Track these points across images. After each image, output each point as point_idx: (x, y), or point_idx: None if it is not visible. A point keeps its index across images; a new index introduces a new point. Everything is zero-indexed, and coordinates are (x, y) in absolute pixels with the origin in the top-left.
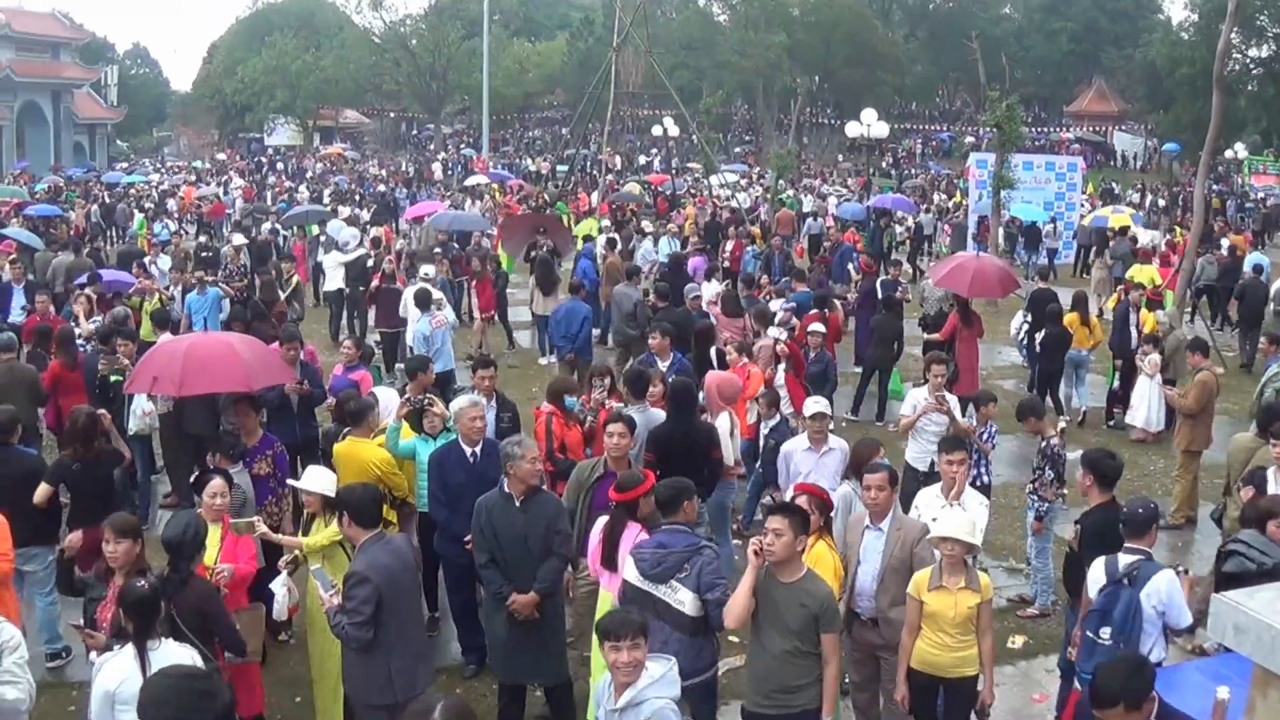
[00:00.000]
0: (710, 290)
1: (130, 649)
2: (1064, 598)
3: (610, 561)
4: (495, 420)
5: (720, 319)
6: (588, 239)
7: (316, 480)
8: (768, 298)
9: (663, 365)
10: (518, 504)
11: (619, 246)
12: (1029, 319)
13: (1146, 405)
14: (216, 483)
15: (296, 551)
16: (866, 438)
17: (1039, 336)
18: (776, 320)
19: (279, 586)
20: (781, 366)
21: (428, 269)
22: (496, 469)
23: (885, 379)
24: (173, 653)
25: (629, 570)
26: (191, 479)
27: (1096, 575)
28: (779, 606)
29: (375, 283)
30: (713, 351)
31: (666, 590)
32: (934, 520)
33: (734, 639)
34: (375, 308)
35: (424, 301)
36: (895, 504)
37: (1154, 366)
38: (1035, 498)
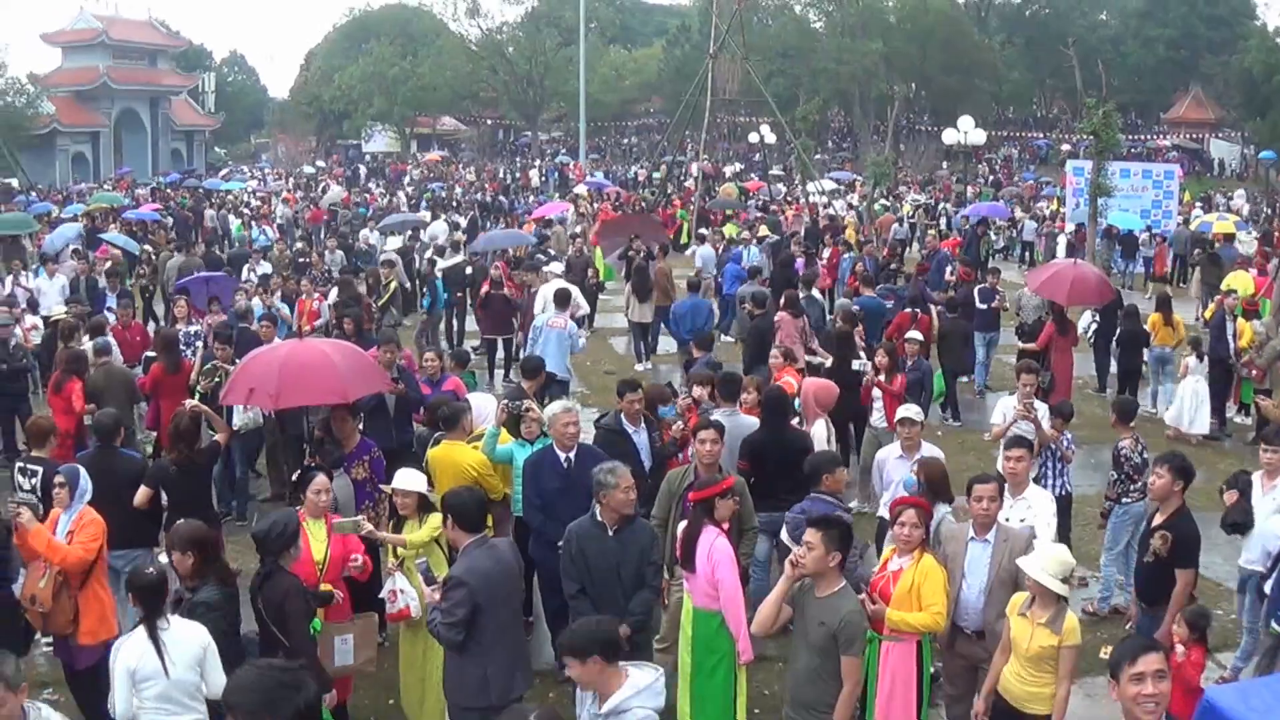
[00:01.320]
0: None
1: (142, 630)
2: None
3: (688, 561)
4: (649, 443)
5: (783, 319)
6: (733, 242)
7: (411, 480)
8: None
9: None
10: (611, 533)
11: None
12: (1097, 318)
13: (1179, 404)
14: (320, 479)
15: (401, 550)
16: (935, 459)
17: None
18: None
19: (401, 584)
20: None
21: (556, 266)
22: (590, 475)
23: (951, 382)
24: (182, 631)
25: (783, 533)
26: (295, 476)
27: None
28: (807, 621)
29: (485, 289)
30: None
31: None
32: (1021, 522)
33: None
34: (482, 314)
35: (564, 300)
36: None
37: (1188, 370)
38: (1107, 501)
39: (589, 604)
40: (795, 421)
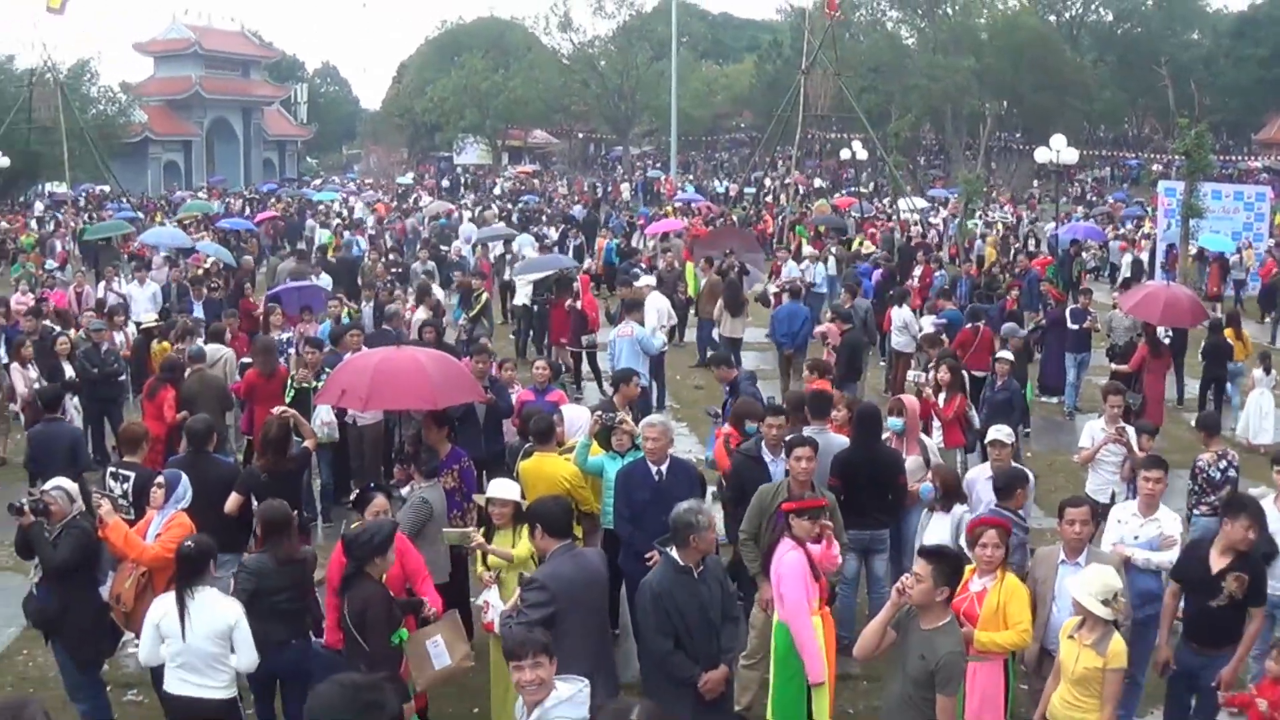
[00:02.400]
0: (899, 317)
1: (173, 593)
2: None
3: (767, 573)
4: (785, 473)
5: (831, 330)
6: (860, 257)
7: (506, 489)
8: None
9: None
10: (696, 575)
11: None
12: (1170, 334)
13: (1246, 416)
14: (379, 500)
15: (495, 560)
16: (948, 466)
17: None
18: (924, 336)
19: (494, 597)
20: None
21: (649, 279)
22: (681, 488)
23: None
24: (210, 604)
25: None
26: (352, 496)
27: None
28: (908, 650)
29: (568, 302)
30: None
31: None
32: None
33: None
34: (557, 326)
35: (631, 307)
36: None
37: (1255, 382)
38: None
39: (684, 656)
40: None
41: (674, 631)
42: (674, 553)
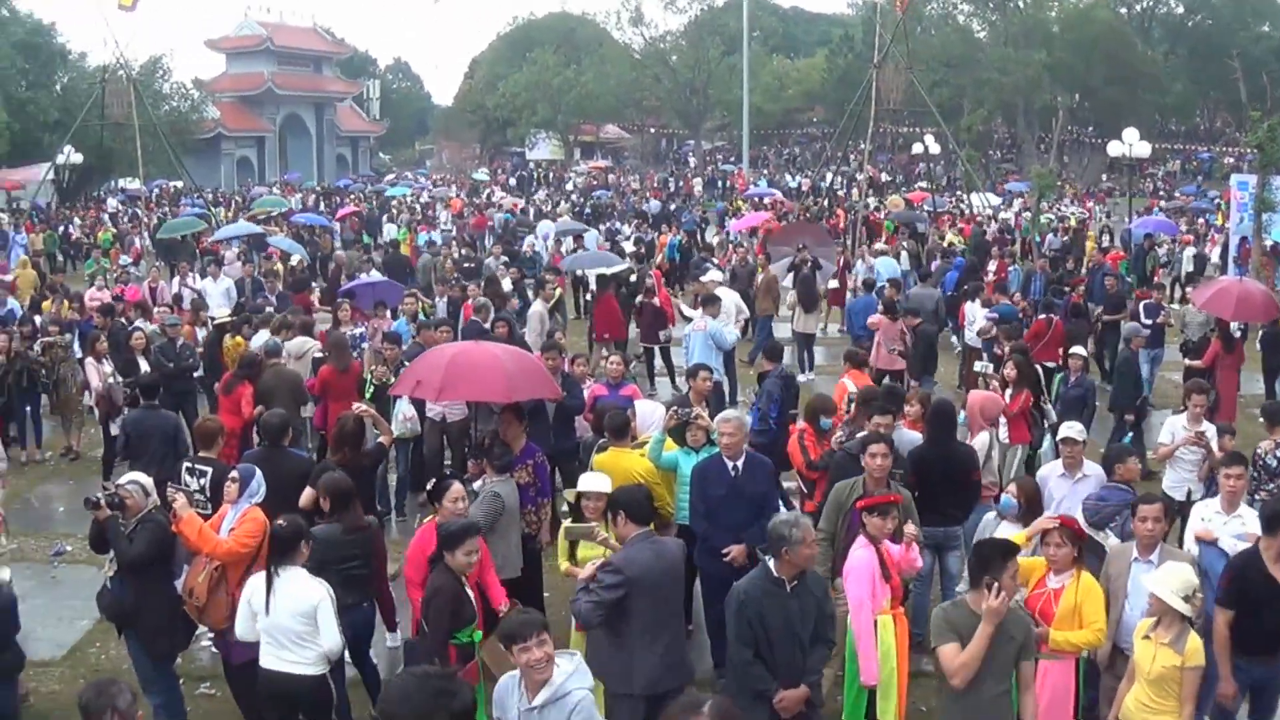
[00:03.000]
0: (972, 312)
1: (264, 572)
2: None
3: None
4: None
5: (880, 322)
6: (950, 250)
7: (597, 482)
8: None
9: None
10: (789, 589)
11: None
12: (1243, 329)
13: None
14: (456, 487)
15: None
16: (1030, 479)
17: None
18: (978, 330)
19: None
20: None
21: (715, 275)
22: (757, 483)
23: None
24: (296, 583)
25: (1081, 517)
26: (429, 485)
27: None
28: (996, 647)
29: (640, 298)
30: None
31: (1101, 536)
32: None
33: None
34: (639, 322)
35: (707, 301)
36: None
37: None
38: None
39: (763, 669)
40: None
41: (754, 641)
42: (770, 562)
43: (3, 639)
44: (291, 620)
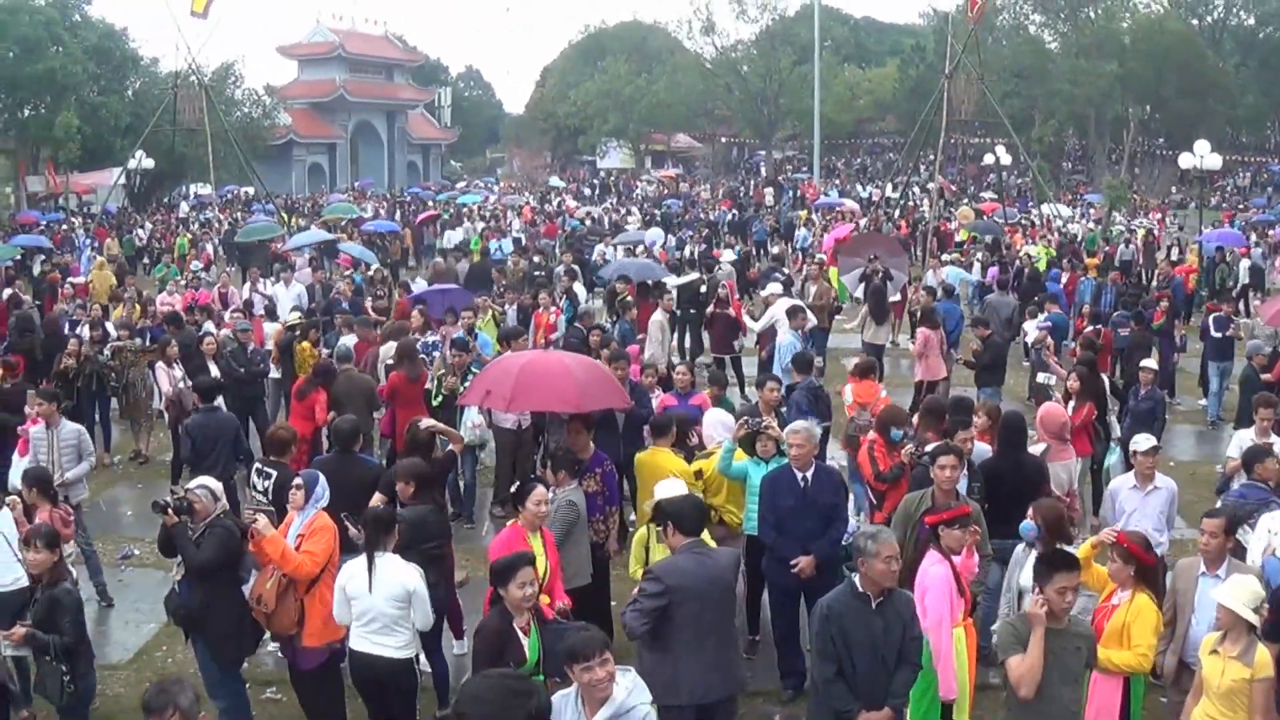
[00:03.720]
0: (1033, 325)
1: (364, 557)
2: None
3: (908, 585)
4: (966, 490)
5: (922, 331)
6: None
7: (674, 489)
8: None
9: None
10: (873, 606)
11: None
12: None
13: None
14: (539, 490)
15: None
16: (1053, 503)
17: None
18: (1031, 340)
19: None
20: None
21: (775, 287)
22: (826, 494)
23: None
24: (394, 568)
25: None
26: (513, 488)
27: None
28: (1061, 656)
29: (713, 307)
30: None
31: (1242, 532)
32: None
33: None
34: (711, 332)
35: (794, 313)
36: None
37: None
38: None
39: (844, 687)
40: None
41: (836, 657)
42: (856, 577)
43: (76, 639)
44: (387, 604)
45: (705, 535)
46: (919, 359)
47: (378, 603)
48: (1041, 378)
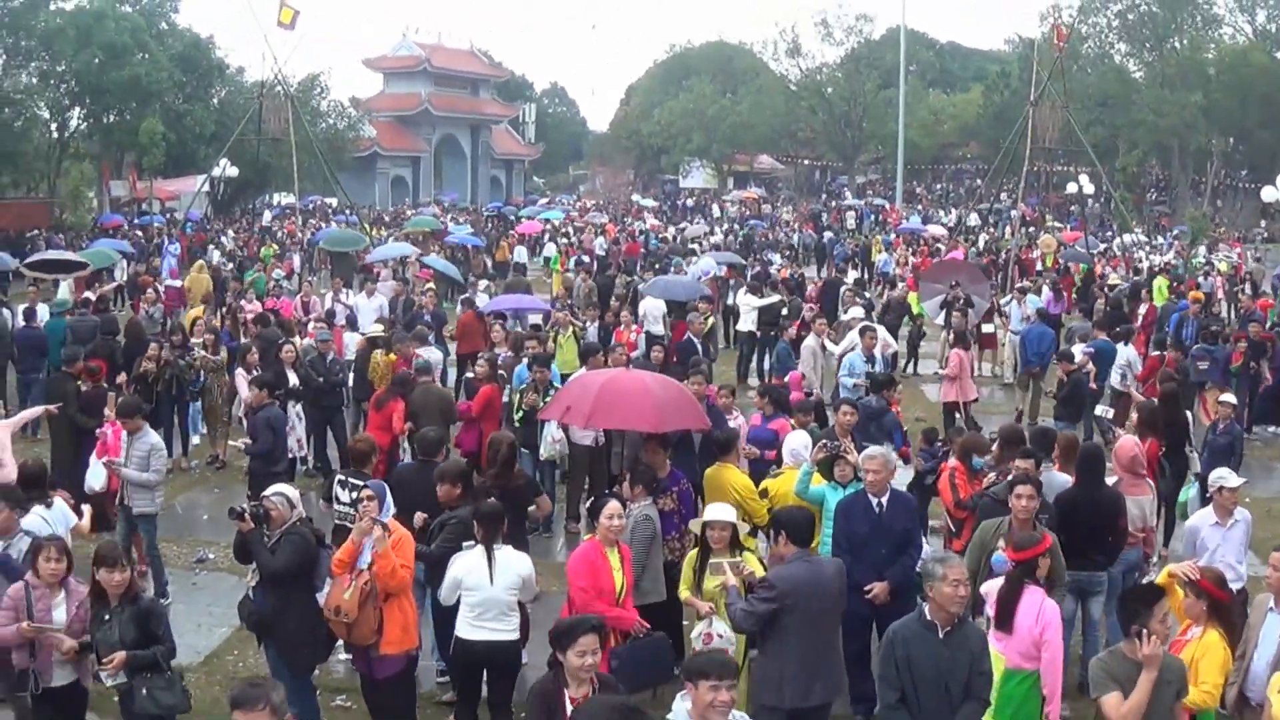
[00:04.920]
0: (1123, 355)
1: (480, 549)
2: None
3: (1005, 623)
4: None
5: (956, 352)
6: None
7: (723, 512)
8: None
9: None
10: (940, 636)
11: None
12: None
13: None
14: (612, 505)
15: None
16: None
17: None
18: (1077, 364)
19: (719, 627)
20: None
21: (857, 311)
22: (902, 520)
23: None
24: (510, 557)
25: None
26: (588, 502)
27: None
28: (1156, 696)
29: (796, 329)
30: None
31: None
32: None
33: None
34: (797, 353)
35: (864, 333)
36: None
37: None
38: None
39: (905, 716)
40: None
41: (900, 685)
42: (925, 605)
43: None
44: (504, 592)
45: (750, 556)
46: (950, 380)
47: (497, 593)
48: (1099, 410)
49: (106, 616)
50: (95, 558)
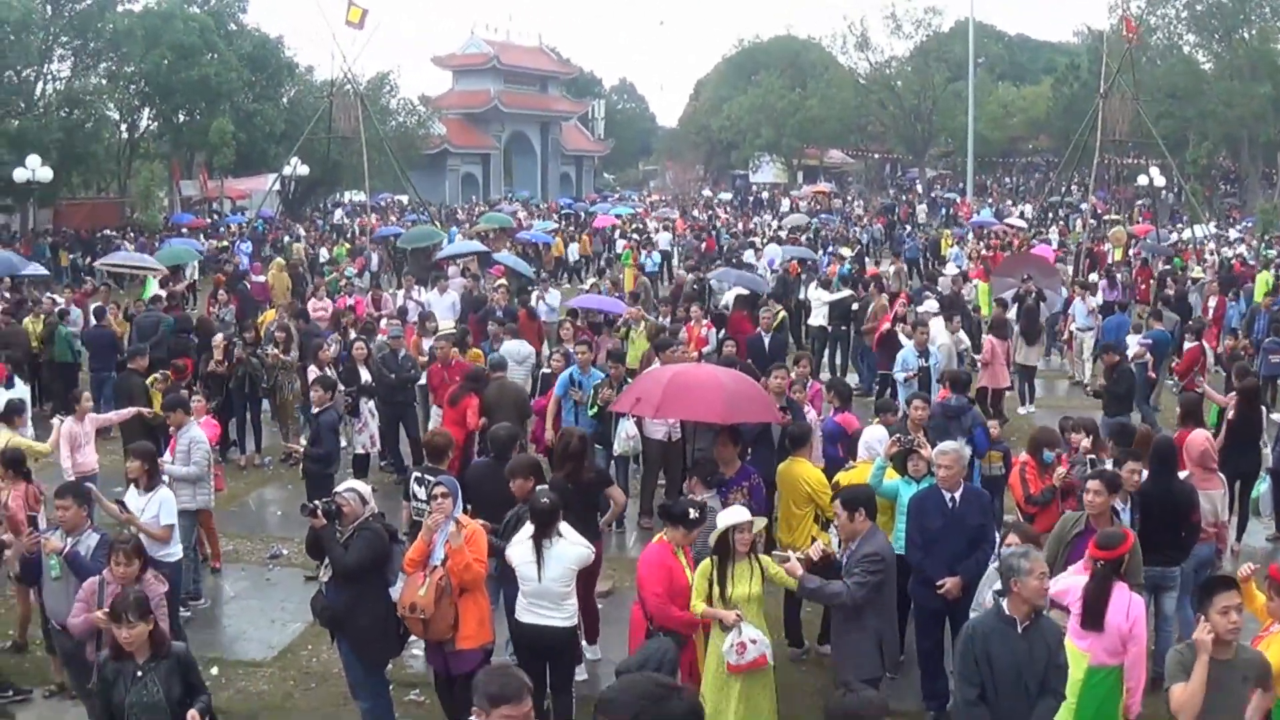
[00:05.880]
0: (1134, 340)
1: (530, 541)
2: None
3: (1095, 621)
4: (1130, 519)
5: (991, 341)
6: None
7: (738, 514)
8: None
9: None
10: (1019, 630)
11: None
12: None
13: None
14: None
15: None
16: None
17: None
18: (1132, 356)
19: (751, 633)
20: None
21: (931, 305)
22: (976, 515)
23: None
24: (562, 549)
25: None
26: (659, 506)
27: None
28: (1227, 686)
29: (883, 324)
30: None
31: None
32: None
33: None
34: (879, 349)
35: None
36: None
37: None
38: None
39: (985, 711)
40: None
41: (979, 681)
42: (1004, 600)
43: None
44: (557, 584)
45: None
46: (984, 367)
47: (546, 586)
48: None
49: (139, 674)
50: (111, 613)
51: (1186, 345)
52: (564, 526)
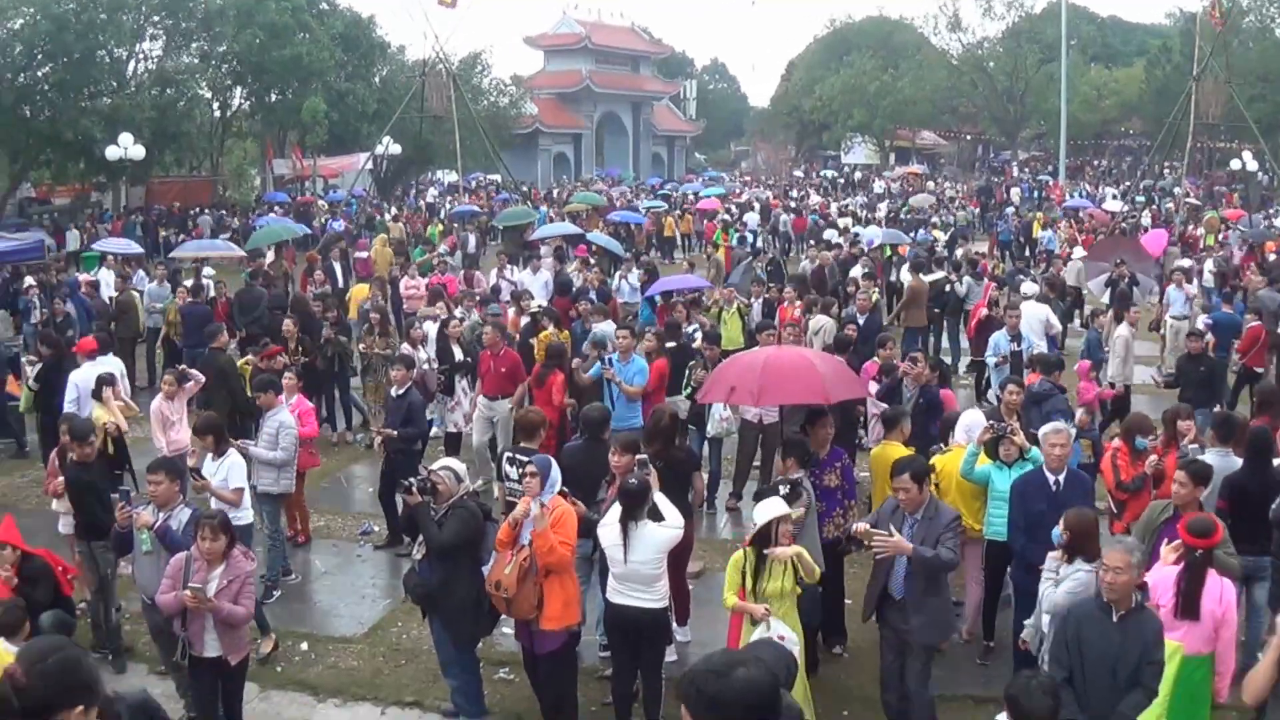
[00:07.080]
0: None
1: (618, 524)
2: None
3: (1192, 611)
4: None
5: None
6: None
7: (775, 508)
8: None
9: None
10: (1115, 619)
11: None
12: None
13: None
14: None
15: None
16: (1083, 512)
17: None
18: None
19: (779, 629)
20: None
21: (1029, 287)
22: (1079, 498)
23: None
24: (649, 532)
25: None
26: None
27: None
28: None
29: (980, 309)
30: None
31: None
32: None
33: None
34: (976, 334)
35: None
36: None
37: None
38: None
39: (1071, 695)
40: None
41: (1069, 664)
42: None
43: None
44: (645, 566)
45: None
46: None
47: (634, 566)
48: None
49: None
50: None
51: (1248, 324)
52: (662, 500)
